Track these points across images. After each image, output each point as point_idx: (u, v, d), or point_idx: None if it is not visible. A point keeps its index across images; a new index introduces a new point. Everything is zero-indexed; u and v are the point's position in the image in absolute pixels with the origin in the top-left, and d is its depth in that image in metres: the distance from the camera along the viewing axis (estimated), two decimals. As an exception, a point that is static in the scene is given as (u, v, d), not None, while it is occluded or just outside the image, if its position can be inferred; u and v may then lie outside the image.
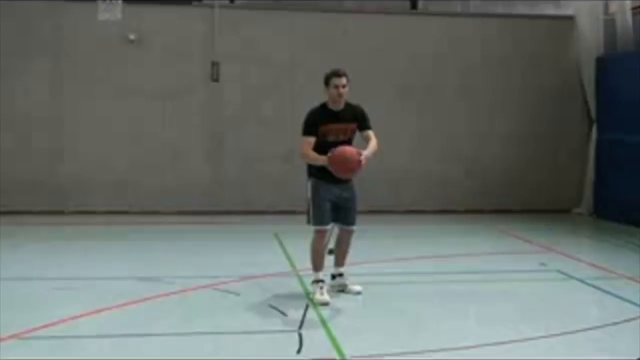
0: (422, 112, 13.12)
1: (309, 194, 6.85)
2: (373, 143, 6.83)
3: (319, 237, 6.86)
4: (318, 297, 6.73)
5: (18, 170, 12.27)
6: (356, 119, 6.85)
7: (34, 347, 5.49)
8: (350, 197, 6.92)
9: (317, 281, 6.86)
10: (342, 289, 7.13)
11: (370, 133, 6.90)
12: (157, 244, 9.97)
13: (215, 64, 12.65)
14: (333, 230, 7.09)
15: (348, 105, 6.86)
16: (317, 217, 6.81)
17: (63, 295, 6.97)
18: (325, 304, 6.66)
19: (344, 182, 6.80)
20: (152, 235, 10.72)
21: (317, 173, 6.78)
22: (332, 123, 6.74)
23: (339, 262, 7.19)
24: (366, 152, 6.64)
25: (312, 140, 6.71)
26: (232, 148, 12.82)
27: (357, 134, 6.94)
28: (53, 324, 5.99)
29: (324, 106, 6.84)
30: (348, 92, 6.81)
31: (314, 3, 13.30)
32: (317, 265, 6.90)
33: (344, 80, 6.74)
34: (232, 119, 12.80)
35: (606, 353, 5.59)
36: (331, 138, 6.71)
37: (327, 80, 6.78)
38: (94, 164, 12.49)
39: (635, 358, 5.33)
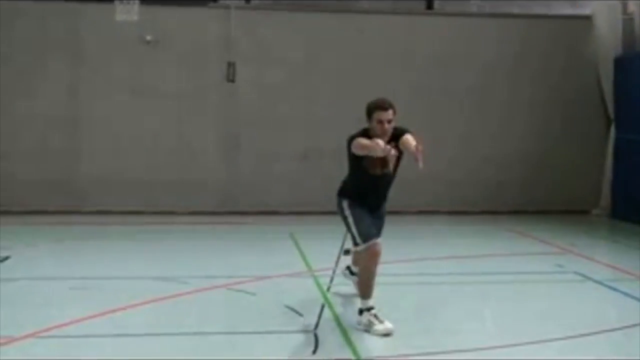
0: (437, 112, 13.04)
1: (346, 212, 6.12)
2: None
3: (371, 254, 5.92)
4: (379, 327, 5.82)
5: (35, 170, 12.35)
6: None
7: (49, 346, 5.50)
8: (382, 216, 6.37)
9: (368, 309, 5.97)
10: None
11: (406, 136, 5.83)
12: (172, 244, 10.00)
13: (231, 65, 12.67)
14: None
15: (393, 136, 5.81)
16: (363, 232, 5.96)
17: (78, 295, 7.00)
18: (390, 332, 5.80)
19: (377, 210, 6.30)
20: (167, 235, 10.76)
21: (351, 195, 6.14)
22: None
23: None
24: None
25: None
26: (247, 148, 12.83)
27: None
28: (68, 323, 6.01)
29: (367, 136, 5.81)
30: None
31: (329, 3, 13.28)
32: (369, 292, 6.01)
33: (390, 115, 5.76)
34: (248, 119, 12.81)
35: (623, 354, 5.53)
36: (371, 171, 5.94)
37: (369, 113, 5.83)
38: (110, 164, 12.55)
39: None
